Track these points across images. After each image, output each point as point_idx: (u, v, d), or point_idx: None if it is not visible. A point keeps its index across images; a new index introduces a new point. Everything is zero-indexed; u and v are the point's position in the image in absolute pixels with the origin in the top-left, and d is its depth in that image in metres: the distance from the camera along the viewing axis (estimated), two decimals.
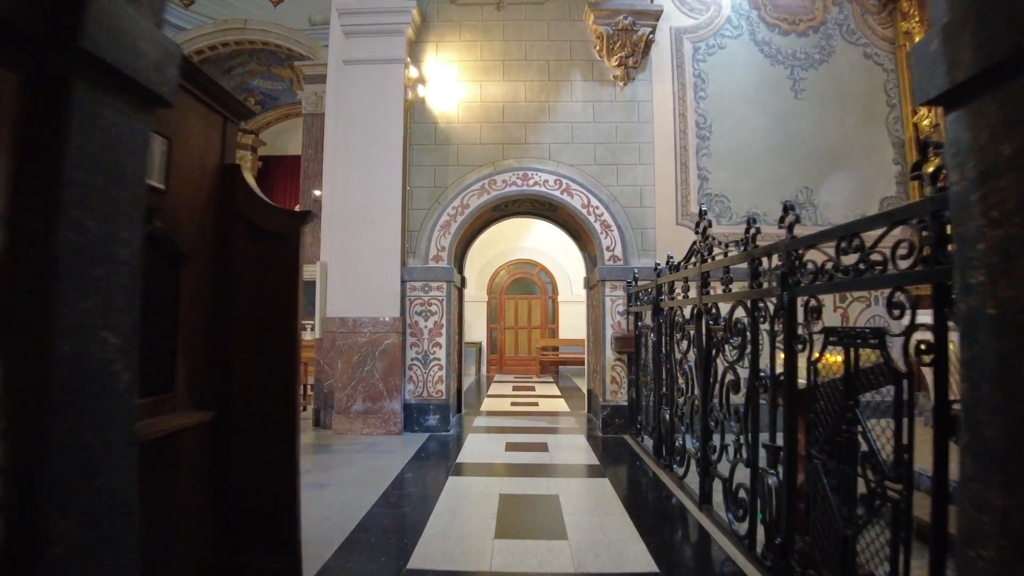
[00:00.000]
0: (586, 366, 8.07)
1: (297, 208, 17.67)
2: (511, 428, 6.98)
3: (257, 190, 2.48)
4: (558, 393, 10.26)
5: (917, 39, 7.22)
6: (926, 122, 7.20)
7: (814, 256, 2.63)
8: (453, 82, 7.04)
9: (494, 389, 10.84)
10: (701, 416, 3.96)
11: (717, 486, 3.77)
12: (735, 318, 3.40)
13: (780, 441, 2.95)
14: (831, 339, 2.43)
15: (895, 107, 7.52)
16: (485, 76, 7.05)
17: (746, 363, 3.28)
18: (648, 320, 5.84)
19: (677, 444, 4.64)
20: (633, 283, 6.39)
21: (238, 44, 16.40)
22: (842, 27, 7.49)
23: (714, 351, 3.78)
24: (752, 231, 3.23)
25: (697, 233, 4.14)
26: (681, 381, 4.52)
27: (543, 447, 5.90)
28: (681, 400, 4.51)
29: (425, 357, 6.68)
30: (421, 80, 7.01)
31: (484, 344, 13.76)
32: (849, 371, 2.29)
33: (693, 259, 4.23)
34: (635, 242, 6.82)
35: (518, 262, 14.00)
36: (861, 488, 2.20)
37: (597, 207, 6.81)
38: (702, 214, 4.07)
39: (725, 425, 3.65)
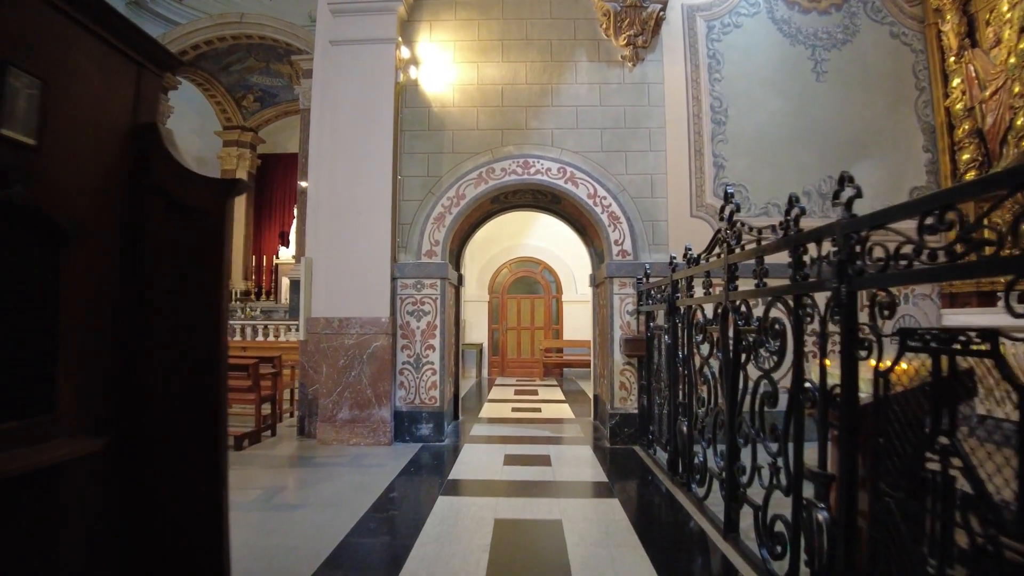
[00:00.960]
0: (592, 369, 7.53)
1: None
2: (511, 438, 6.44)
3: (179, 155, 1.95)
4: (562, 398, 9.72)
5: (948, 17, 6.68)
6: (959, 106, 6.64)
7: (878, 238, 2.10)
8: (448, 63, 6.51)
9: (495, 393, 10.31)
10: (727, 431, 3.42)
11: (746, 513, 3.23)
12: (771, 317, 2.86)
13: (829, 467, 2.41)
14: (911, 343, 1.88)
15: (924, 90, 6.96)
16: (483, 57, 6.52)
17: (784, 371, 2.74)
18: (661, 320, 5.30)
19: (696, 461, 4.10)
20: (644, 280, 5.85)
21: (235, 39, 15.94)
22: (866, 4, 6.93)
23: (744, 356, 3.24)
24: (794, 212, 2.69)
25: (722, 219, 3.60)
26: (702, 390, 3.97)
27: (545, 460, 5.36)
28: (702, 411, 3.97)
29: (417, 361, 6.15)
30: (414, 61, 6.49)
31: (485, 346, 13.23)
32: (941, 385, 1.75)
33: (717, 250, 3.69)
34: (646, 235, 6.27)
35: (520, 260, 13.46)
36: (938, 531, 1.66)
37: (604, 197, 6.27)
38: (728, 196, 3.53)
39: (757, 443, 3.11)
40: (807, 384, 2.57)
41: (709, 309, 3.75)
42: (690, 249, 4.28)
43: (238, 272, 19.34)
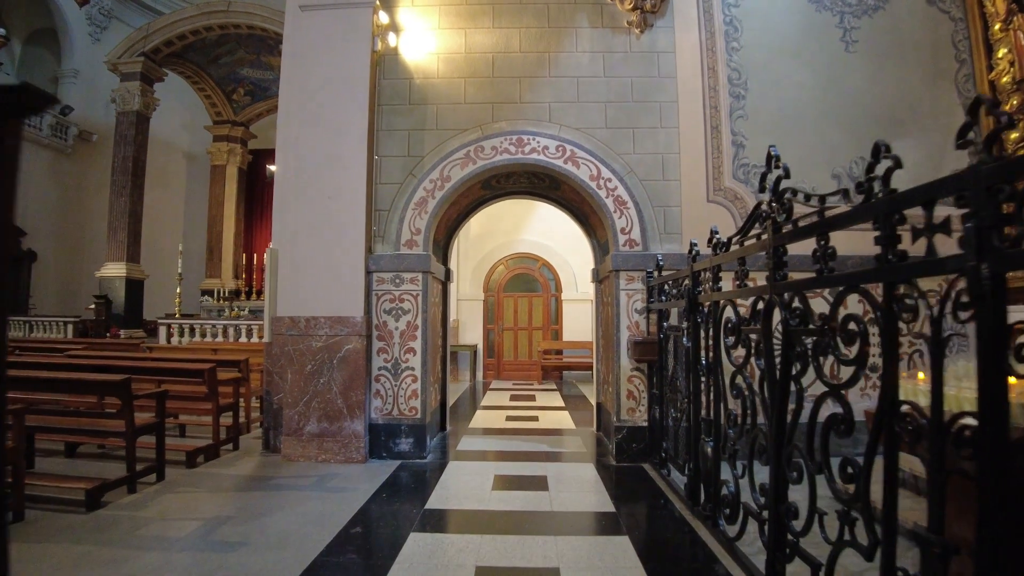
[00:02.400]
0: (595, 374, 6.77)
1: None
2: (504, 453, 5.69)
3: None
4: (561, 404, 8.95)
5: None
6: (1006, 79, 5.90)
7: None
8: (432, 29, 5.75)
9: (489, 399, 9.54)
10: (771, 461, 2.66)
11: (800, 572, 2.48)
12: (844, 315, 2.11)
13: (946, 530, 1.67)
14: None
15: (965, 63, 6.22)
16: (471, 22, 5.76)
17: (861, 387, 1.99)
18: (677, 319, 4.56)
19: (726, 492, 3.34)
20: (656, 273, 5.10)
21: (223, 28, 15.18)
22: None
23: (798, 366, 2.48)
24: (881, 167, 1.94)
25: (763, 191, 2.85)
26: (734, 404, 3.22)
27: (542, 483, 4.60)
28: (732, 431, 3.21)
29: (395, 366, 5.39)
30: (393, 28, 5.73)
31: (480, 347, 12.46)
32: None
33: (755, 229, 2.93)
34: (656, 223, 5.52)
35: (517, 256, 12.69)
36: None
37: (609, 179, 5.51)
38: (773, 160, 2.78)
39: (816, 478, 2.36)
40: (905, 407, 1.81)
41: (749, 304, 2.98)
42: (716, 232, 3.52)
43: (228, 271, 18.60)
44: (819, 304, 3.75)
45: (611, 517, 3.89)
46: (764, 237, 2.79)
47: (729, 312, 3.30)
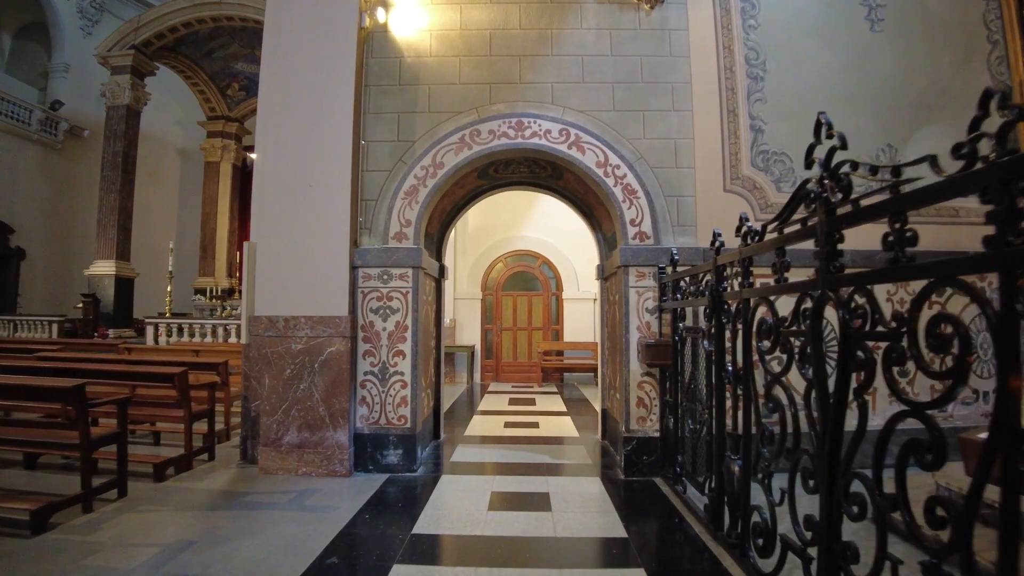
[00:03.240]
0: (599, 379, 6.31)
1: None
2: (502, 465, 5.22)
3: None
4: (563, 409, 8.49)
5: None
6: None
7: None
8: (425, 4, 5.29)
9: (487, 403, 9.07)
10: (823, 489, 2.20)
11: None
12: (933, 316, 1.65)
13: None
14: None
15: (998, 44, 5.78)
16: None
17: (954, 406, 1.52)
18: (692, 319, 4.11)
19: (758, 519, 2.88)
20: (670, 269, 4.64)
21: (215, 21, 14.73)
22: None
23: (863, 376, 2.02)
24: (997, 123, 1.48)
25: (809, 166, 2.40)
26: (769, 418, 2.75)
27: (543, 501, 4.14)
28: (768, 450, 2.75)
29: (383, 370, 4.93)
30: (382, 2, 5.27)
31: (478, 348, 11.99)
32: None
33: (800, 212, 2.46)
34: (669, 214, 5.05)
35: (516, 254, 12.22)
36: None
37: (617, 166, 5.05)
38: (824, 128, 2.32)
39: (885, 515, 1.90)
40: None
41: (792, 303, 2.51)
42: (746, 219, 3.06)
43: (222, 269, 18.17)
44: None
45: (622, 544, 3.43)
46: (813, 222, 2.32)
47: (763, 311, 2.84)
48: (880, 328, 1.93)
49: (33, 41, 17.87)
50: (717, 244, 3.44)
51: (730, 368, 3.27)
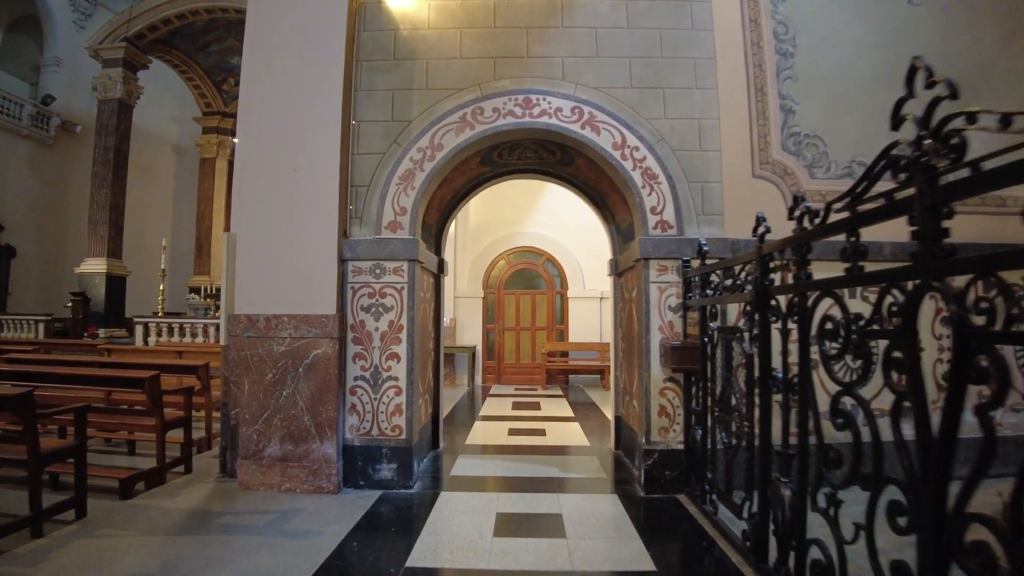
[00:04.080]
0: (613, 384, 5.81)
1: None
2: (508, 480, 4.74)
3: None
4: (570, 414, 7.99)
5: None
6: None
7: None
8: None
9: (489, 407, 8.58)
10: (926, 534, 1.72)
11: None
12: None
13: None
14: None
15: None
16: None
17: None
18: (725, 319, 3.62)
19: (818, 556, 2.38)
20: (695, 262, 4.15)
21: (209, 13, 14.24)
22: None
23: (983, 389, 1.53)
24: None
25: (895, 125, 1.92)
26: (835, 435, 2.26)
27: (556, 525, 3.65)
28: (832, 474, 2.26)
29: (375, 375, 4.44)
30: None
31: (479, 348, 11.50)
32: None
33: (883, 181, 1.98)
34: (693, 202, 4.56)
35: (520, 250, 11.72)
36: None
37: (636, 148, 4.56)
38: (916, 73, 1.84)
39: None
40: None
41: (873, 298, 2.03)
42: (802, 198, 2.57)
43: (218, 268, 17.70)
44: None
45: None
46: (905, 194, 1.84)
47: (827, 309, 2.35)
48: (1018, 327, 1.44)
49: (24, 35, 17.44)
50: (762, 229, 2.95)
51: (780, 375, 2.78)
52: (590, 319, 11.37)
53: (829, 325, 2.26)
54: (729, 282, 3.37)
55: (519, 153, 5.18)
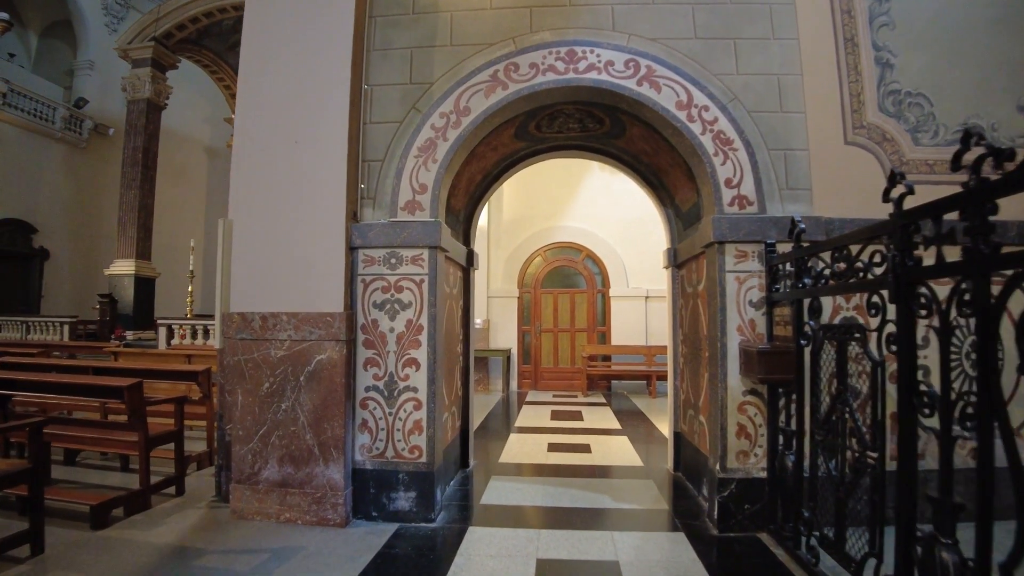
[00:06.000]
0: (671, 395, 4.98)
1: None
2: (549, 511, 3.96)
3: None
4: (617, 426, 7.17)
5: None
6: None
7: None
8: None
9: (525, 417, 7.81)
10: None
11: None
12: None
13: None
14: None
15: None
16: None
17: None
18: (806, 315, 2.80)
19: None
20: (782, 247, 3.34)
21: (237, 10, 13.85)
22: None
23: None
24: None
25: None
26: None
27: (613, 574, 2.88)
28: None
29: (390, 385, 3.72)
30: None
31: (514, 352, 10.75)
32: None
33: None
34: (776, 173, 3.73)
35: (557, 246, 10.93)
36: None
37: (706, 107, 3.74)
38: None
39: None
40: None
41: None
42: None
43: None
44: None
45: None
46: None
47: (1018, 302, 1.54)
48: None
49: (58, 39, 17.50)
50: (900, 193, 2.13)
51: (933, 388, 1.97)
52: (635, 320, 10.51)
53: None
54: (845, 267, 2.54)
55: (560, 123, 4.42)
